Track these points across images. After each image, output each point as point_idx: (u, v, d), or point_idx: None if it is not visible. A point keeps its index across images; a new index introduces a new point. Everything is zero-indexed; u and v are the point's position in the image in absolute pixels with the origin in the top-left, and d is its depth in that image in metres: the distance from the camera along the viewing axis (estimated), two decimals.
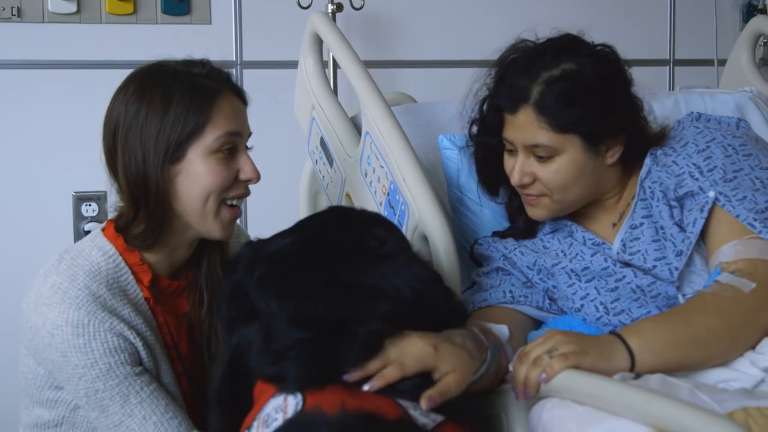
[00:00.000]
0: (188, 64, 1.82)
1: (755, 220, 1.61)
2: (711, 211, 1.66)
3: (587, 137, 1.73)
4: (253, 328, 1.45)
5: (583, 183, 1.77)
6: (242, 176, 1.81)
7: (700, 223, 1.65)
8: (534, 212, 1.84)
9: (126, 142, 1.74)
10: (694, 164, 1.72)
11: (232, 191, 1.80)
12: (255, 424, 1.36)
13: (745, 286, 1.52)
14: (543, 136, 1.73)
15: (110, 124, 1.77)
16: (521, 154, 1.78)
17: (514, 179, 1.79)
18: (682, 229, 1.71)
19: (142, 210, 1.75)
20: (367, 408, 1.30)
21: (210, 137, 1.74)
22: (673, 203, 1.74)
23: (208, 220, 1.79)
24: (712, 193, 1.66)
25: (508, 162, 1.83)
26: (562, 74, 1.75)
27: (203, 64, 1.84)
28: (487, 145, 1.90)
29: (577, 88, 1.73)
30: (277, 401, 1.36)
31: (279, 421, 1.32)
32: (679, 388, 1.34)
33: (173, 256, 1.85)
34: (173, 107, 1.73)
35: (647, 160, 1.81)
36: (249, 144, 1.85)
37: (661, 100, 2.33)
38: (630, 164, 1.83)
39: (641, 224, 1.77)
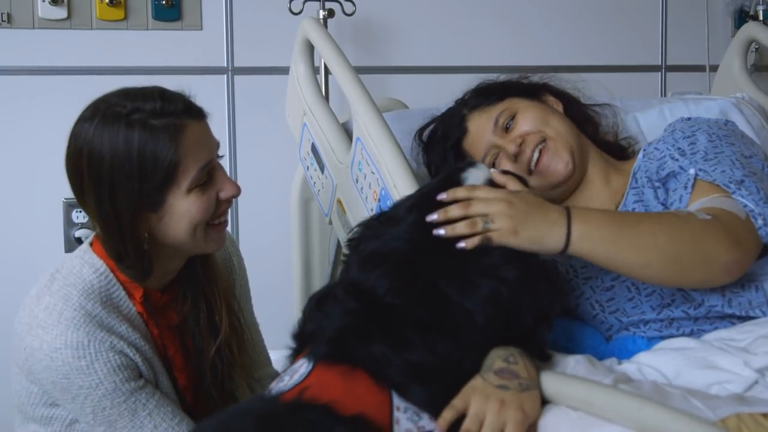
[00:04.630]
0: (138, 98, 1.70)
1: (731, 182, 1.64)
2: (694, 186, 1.69)
3: (523, 94, 2.00)
4: (333, 284, 1.51)
5: (553, 119, 1.92)
6: (223, 196, 1.78)
7: (686, 198, 1.68)
8: (556, 162, 1.87)
9: (95, 199, 1.69)
10: (678, 147, 1.77)
11: (216, 213, 1.78)
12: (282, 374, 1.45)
13: (700, 215, 1.54)
14: (494, 110, 1.95)
15: (76, 178, 1.72)
16: (498, 140, 1.91)
17: (510, 150, 1.87)
18: (667, 208, 1.74)
19: (125, 260, 1.74)
20: (323, 399, 1.31)
21: (185, 180, 1.70)
22: (657, 185, 1.78)
23: (199, 245, 1.78)
24: (692, 170, 1.70)
25: (505, 162, 1.90)
26: (478, 87, 2.08)
27: (153, 95, 1.71)
28: None
29: (492, 83, 2.07)
30: (299, 362, 1.41)
31: (284, 382, 1.39)
32: (672, 395, 1.33)
33: (166, 276, 1.85)
34: (137, 161, 1.66)
35: (639, 155, 1.87)
36: (220, 152, 1.81)
37: (647, 111, 2.33)
38: (595, 132, 2.01)
39: (633, 209, 1.80)
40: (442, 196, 1.50)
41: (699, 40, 3.56)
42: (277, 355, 1.85)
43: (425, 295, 1.40)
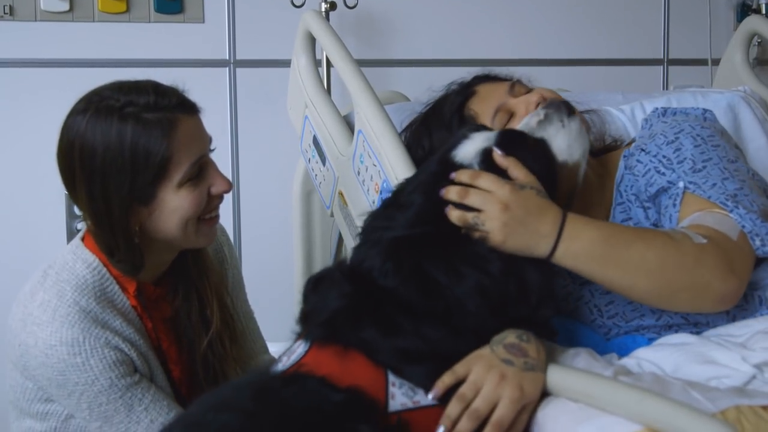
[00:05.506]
0: (132, 92, 1.70)
1: (727, 199, 1.60)
2: (682, 201, 1.65)
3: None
4: (331, 266, 1.52)
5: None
6: (214, 191, 1.78)
7: (675, 216, 1.65)
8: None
9: (87, 192, 1.70)
10: (663, 156, 1.71)
11: (207, 208, 1.78)
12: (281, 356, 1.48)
13: (695, 238, 1.51)
14: (508, 83, 1.88)
15: (68, 171, 1.73)
16: (513, 100, 1.84)
17: (533, 98, 1.82)
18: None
19: (116, 254, 1.74)
20: (317, 372, 1.33)
21: (176, 174, 1.70)
22: (647, 204, 1.74)
23: (190, 239, 1.78)
24: (681, 184, 1.66)
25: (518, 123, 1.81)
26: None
27: (147, 89, 1.71)
28: None
29: None
30: (297, 344, 1.44)
31: (282, 362, 1.42)
32: (672, 386, 1.33)
33: (158, 269, 1.85)
34: (129, 155, 1.66)
35: (621, 164, 1.82)
36: (213, 146, 1.81)
37: (654, 100, 2.33)
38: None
39: None
40: (453, 175, 1.50)
41: (701, 34, 3.56)
42: (278, 347, 1.85)
43: (417, 279, 1.40)
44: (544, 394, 1.39)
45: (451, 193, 1.48)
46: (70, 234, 2.99)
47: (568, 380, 1.37)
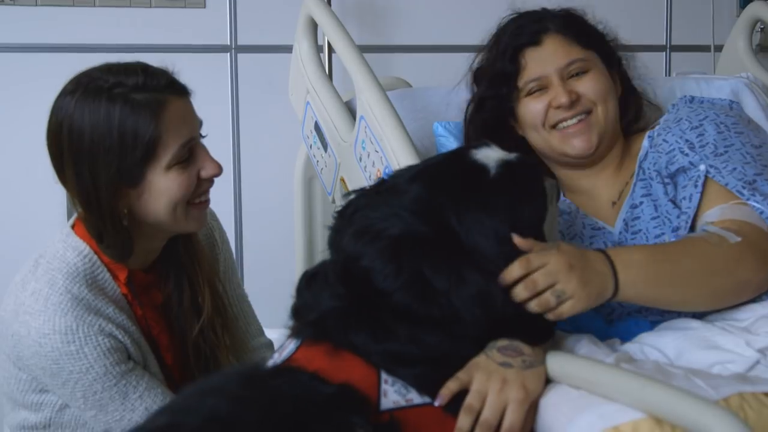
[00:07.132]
0: (121, 73, 1.70)
1: (744, 188, 1.62)
2: (704, 186, 1.67)
3: (603, 56, 1.91)
4: (327, 261, 1.49)
5: (612, 100, 1.87)
6: (204, 174, 1.77)
7: (696, 198, 1.67)
8: (582, 139, 1.83)
9: (75, 173, 1.69)
10: (686, 140, 1.74)
11: (197, 191, 1.77)
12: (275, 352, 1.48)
13: (731, 238, 1.53)
14: (576, 52, 1.87)
15: (57, 152, 1.72)
16: (556, 80, 1.84)
17: (562, 100, 1.82)
18: (677, 206, 1.73)
19: (105, 238, 1.73)
20: (309, 368, 1.32)
21: (165, 156, 1.69)
22: (666, 180, 1.76)
23: (179, 224, 1.77)
24: (702, 167, 1.68)
25: (537, 102, 1.85)
26: (568, 11, 1.99)
27: (136, 70, 1.70)
28: (501, 98, 1.90)
29: (583, 19, 1.99)
30: (288, 341, 1.43)
31: (274, 359, 1.42)
32: (674, 374, 1.33)
33: (149, 255, 1.84)
34: (117, 135, 1.65)
35: (645, 143, 1.84)
36: (203, 131, 1.80)
37: (658, 86, 2.32)
38: (628, 123, 1.93)
39: (641, 203, 1.78)
40: (504, 279, 1.40)
41: (704, 20, 3.55)
42: (278, 334, 1.85)
43: (416, 283, 1.36)
44: (546, 381, 1.39)
45: (521, 293, 1.39)
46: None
47: (569, 367, 1.37)
